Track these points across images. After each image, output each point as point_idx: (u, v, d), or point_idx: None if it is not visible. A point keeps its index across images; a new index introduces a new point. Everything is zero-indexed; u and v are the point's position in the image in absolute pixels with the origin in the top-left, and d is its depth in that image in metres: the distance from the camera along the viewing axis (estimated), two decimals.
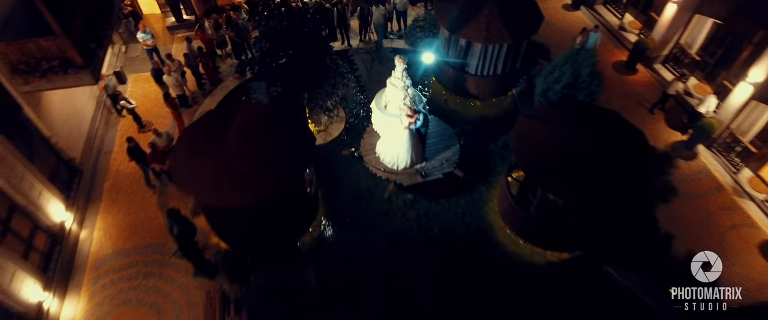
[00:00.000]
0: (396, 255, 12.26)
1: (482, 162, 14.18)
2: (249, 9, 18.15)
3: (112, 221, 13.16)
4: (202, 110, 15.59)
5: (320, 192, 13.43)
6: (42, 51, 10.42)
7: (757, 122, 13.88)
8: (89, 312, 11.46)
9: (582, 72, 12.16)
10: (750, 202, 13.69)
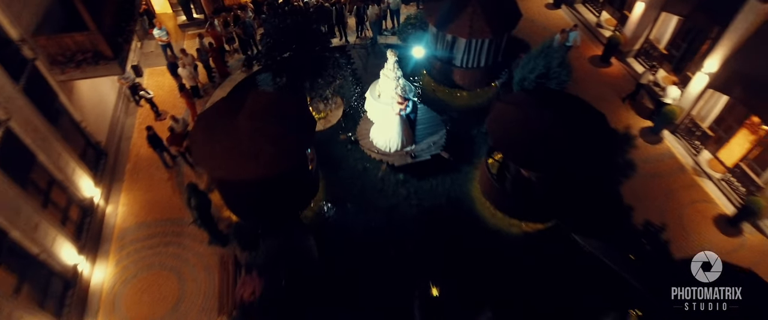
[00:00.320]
0: (388, 226, 13.77)
1: (466, 146, 15.70)
2: (254, 8, 19.67)
3: (133, 198, 14.68)
4: (212, 100, 17.10)
5: (320, 172, 14.96)
6: (77, 45, 11.93)
7: (713, 109, 15.38)
8: (117, 275, 12.97)
9: (552, 63, 13.66)
10: (708, 181, 15.19)
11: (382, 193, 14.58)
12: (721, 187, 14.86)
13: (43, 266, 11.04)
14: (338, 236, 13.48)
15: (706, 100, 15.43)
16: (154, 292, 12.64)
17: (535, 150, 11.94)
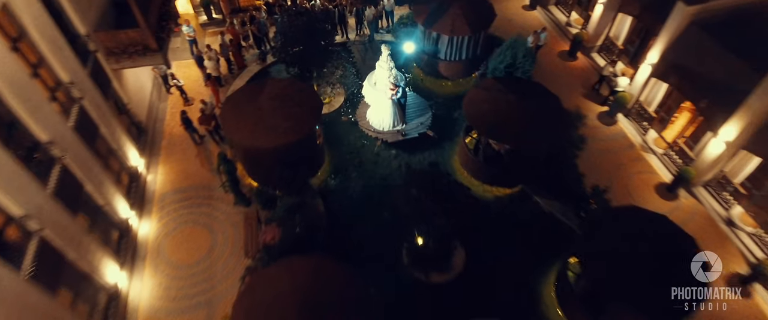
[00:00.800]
0: (383, 192, 16.50)
1: (448, 127, 18.43)
2: (267, 9, 22.40)
3: (169, 168, 17.43)
4: (232, 88, 19.81)
5: (326, 147, 17.70)
6: (130, 39, 14.62)
7: (657, 94, 18.14)
8: (160, 229, 15.72)
9: (518, 55, 16.39)
10: (653, 156, 17.96)
11: (378, 165, 17.33)
12: (663, 160, 17.64)
13: (106, 215, 13.76)
14: (341, 198, 16.23)
15: (651, 87, 18.19)
16: (190, 242, 15.40)
17: (501, 126, 14.72)
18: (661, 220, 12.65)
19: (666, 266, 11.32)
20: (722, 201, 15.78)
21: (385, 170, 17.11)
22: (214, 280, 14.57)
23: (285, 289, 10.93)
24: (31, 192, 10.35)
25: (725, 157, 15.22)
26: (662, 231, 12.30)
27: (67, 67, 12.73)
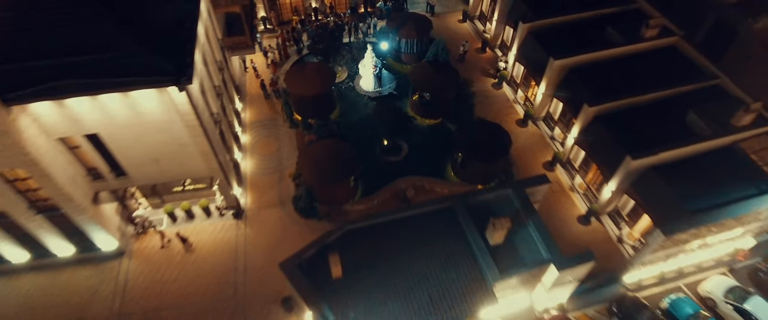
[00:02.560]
0: (366, 120, 29.99)
1: (405, 89, 31.98)
2: (300, 22, 35.94)
3: (252, 110, 31.06)
4: (283, 68, 33.32)
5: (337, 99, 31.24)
6: (238, 41, 28.06)
7: (520, 70, 31.61)
8: (251, 139, 29.27)
9: (440, 49, 29.91)
10: (519, 105, 31.52)
11: (365, 108, 30.94)
12: (524, 106, 31.17)
13: (233, 131, 27.34)
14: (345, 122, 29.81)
15: (517, 67, 31.70)
16: (268, 145, 29.03)
17: (427, 86, 28.41)
18: (493, 126, 26.36)
19: (490, 143, 25.07)
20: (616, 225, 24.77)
21: (369, 110, 30.70)
22: (281, 161, 28.22)
23: (320, 151, 24.72)
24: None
25: (614, 198, 24.06)
26: (492, 129, 26.03)
27: (219, 55, 26.25)
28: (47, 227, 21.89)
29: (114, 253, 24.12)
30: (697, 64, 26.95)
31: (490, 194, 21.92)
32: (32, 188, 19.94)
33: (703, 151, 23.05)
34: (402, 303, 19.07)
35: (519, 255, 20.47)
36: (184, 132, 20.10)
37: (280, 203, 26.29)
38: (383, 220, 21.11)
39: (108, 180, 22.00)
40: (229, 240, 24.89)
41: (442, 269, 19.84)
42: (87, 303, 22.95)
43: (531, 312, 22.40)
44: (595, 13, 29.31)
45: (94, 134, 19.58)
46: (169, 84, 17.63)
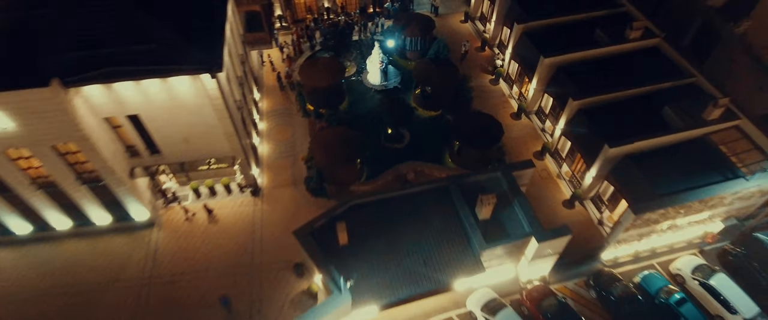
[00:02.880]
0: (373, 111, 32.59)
1: (409, 83, 34.51)
2: (314, 21, 38.59)
3: (268, 100, 33.80)
4: (298, 62, 36.01)
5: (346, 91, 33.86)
6: (258, 37, 30.75)
7: (515, 68, 33.98)
8: (268, 126, 31.99)
9: (441, 47, 32.36)
10: (514, 100, 33.94)
11: (371, 100, 33.53)
12: (518, 100, 33.59)
13: (252, 118, 30.08)
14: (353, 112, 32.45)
15: (512, 64, 34.08)
16: (283, 132, 31.72)
17: (428, 80, 30.95)
18: (487, 117, 28.84)
19: (484, 131, 27.56)
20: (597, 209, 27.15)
21: (375, 102, 33.26)
22: (294, 146, 30.91)
23: (330, 137, 27.39)
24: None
25: (595, 183, 26.60)
26: (486, 120, 28.50)
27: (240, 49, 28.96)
28: (90, 197, 24.75)
29: (145, 223, 26.96)
30: (676, 64, 29.18)
31: (481, 176, 24.44)
32: (80, 161, 22.78)
33: (676, 142, 25.37)
34: (399, 268, 21.68)
35: (505, 230, 22.99)
36: (212, 115, 22.84)
37: (293, 183, 28.98)
38: (385, 196, 23.74)
39: (143, 157, 24.82)
40: (247, 215, 27.64)
41: (435, 239, 22.42)
42: (122, 267, 25.81)
43: (516, 283, 24.87)
44: (584, 15, 31.63)
45: (134, 115, 22.37)
46: (202, 72, 20.35)
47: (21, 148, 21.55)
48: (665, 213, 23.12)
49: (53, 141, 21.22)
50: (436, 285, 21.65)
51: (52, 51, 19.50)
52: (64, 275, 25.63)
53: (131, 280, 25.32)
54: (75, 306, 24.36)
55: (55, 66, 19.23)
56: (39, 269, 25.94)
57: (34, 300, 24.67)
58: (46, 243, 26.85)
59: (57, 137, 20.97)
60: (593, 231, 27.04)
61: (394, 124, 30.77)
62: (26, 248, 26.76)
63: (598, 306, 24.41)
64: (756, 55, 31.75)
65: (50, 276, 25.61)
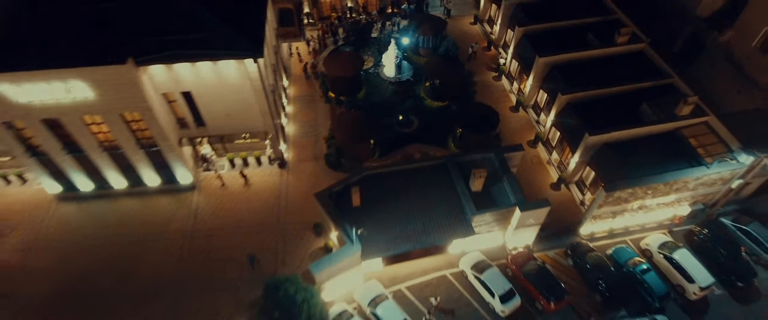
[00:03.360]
0: (386, 99, 36.62)
1: (420, 77, 38.37)
2: (337, 18, 42.74)
3: (295, 87, 38.01)
4: (322, 55, 40.17)
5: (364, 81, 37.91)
6: (289, 30, 34.92)
7: (515, 66, 37.58)
8: (294, 109, 36.20)
9: (449, 46, 36.13)
10: (513, 94, 37.57)
11: (386, 90, 37.50)
12: (517, 95, 37.23)
13: (281, 101, 34.31)
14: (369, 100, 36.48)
15: (513, 63, 37.68)
16: (307, 115, 35.88)
17: (437, 74, 34.85)
18: (486, 107, 32.61)
19: (482, 118, 31.38)
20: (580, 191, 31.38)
21: (389, 92, 37.22)
22: (317, 127, 35.03)
23: (349, 119, 31.49)
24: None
25: (578, 168, 30.23)
26: (485, 110, 32.28)
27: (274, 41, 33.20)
28: (144, 161, 29.21)
29: (188, 187, 31.36)
30: (658, 66, 32.47)
31: (477, 156, 28.25)
32: (141, 128, 27.23)
33: (651, 135, 28.80)
34: (402, 228, 25.64)
35: (494, 201, 26.80)
36: (251, 94, 27.06)
37: (314, 158, 33.13)
38: (393, 169, 27.73)
39: (191, 129, 29.20)
40: (275, 183, 31.87)
41: (433, 206, 26.32)
42: (168, 222, 30.24)
43: (503, 250, 28.60)
44: (579, 21, 35.10)
45: (187, 92, 26.72)
46: (246, 57, 24.57)
47: (95, 115, 26.04)
48: (634, 193, 26.62)
49: (122, 109, 25.67)
50: (432, 243, 25.57)
51: (129, 36, 23.90)
52: (120, 227, 30.13)
53: (175, 233, 29.72)
54: (129, 253, 28.80)
55: (130, 48, 23.62)
56: (98, 221, 30.52)
57: (94, 246, 29.17)
58: (104, 200, 31.43)
59: (126, 106, 25.41)
60: (575, 211, 30.58)
61: (405, 112, 34.71)
62: (87, 203, 31.38)
63: (573, 272, 28.01)
64: (736, 61, 35.04)
65: (108, 227, 30.14)
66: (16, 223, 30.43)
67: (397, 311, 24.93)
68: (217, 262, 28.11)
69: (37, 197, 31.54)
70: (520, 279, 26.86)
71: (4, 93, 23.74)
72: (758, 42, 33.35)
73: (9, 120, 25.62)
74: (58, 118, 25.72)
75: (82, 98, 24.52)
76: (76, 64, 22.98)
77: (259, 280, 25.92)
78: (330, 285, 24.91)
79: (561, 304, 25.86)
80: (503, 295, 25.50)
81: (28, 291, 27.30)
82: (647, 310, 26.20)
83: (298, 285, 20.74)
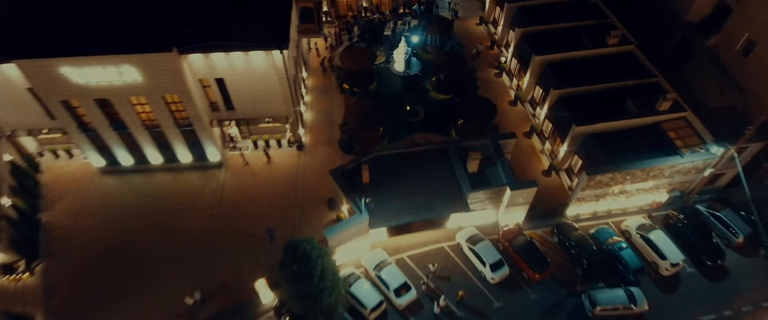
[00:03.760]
0: (396, 91, 40.03)
1: (427, 72, 41.67)
2: (353, 17, 46.22)
3: (313, 79, 41.54)
4: (338, 51, 43.66)
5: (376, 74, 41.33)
6: (309, 27, 38.34)
7: (515, 64, 40.68)
8: (311, 98, 39.83)
9: (454, 44, 39.36)
10: (512, 90, 40.70)
11: (395, 83, 40.87)
12: (515, 91, 40.35)
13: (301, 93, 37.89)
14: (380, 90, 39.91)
15: (513, 61, 40.78)
16: (323, 104, 39.42)
17: (442, 69, 38.18)
18: (486, 100, 35.84)
19: (481, 110, 34.64)
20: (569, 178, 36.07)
21: (398, 85, 40.57)
22: (332, 115, 38.53)
23: (361, 107, 34.95)
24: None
25: (567, 157, 34.85)
26: (484, 102, 35.52)
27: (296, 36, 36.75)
28: (180, 139, 32.92)
29: (216, 164, 35.01)
30: (644, 66, 35.39)
31: (474, 141, 31.50)
32: (179, 110, 30.94)
33: (633, 127, 31.77)
34: (405, 201, 28.97)
35: (488, 181, 30.04)
36: (276, 82, 30.62)
37: (329, 143, 36.61)
38: (400, 152, 31.10)
39: (221, 112, 32.85)
40: (293, 163, 35.42)
41: (434, 184, 29.61)
42: (199, 194, 33.91)
43: (496, 227, 31.78)
44: (575, 23, 38.11)
45: (220, 78, 30.36)
46: (274, 48, 28.12)
47: (140, 96, 29.79)
48: (614, 178, 29.66)
49: (164, 92, 29.37)
50: (432, 216, 28.90)
51: (173, 27, 27.58)
52: (156, 197, 33.87)
53: (204, 204, 33.37)
54: (164, 220, 32.45)
55: (174, 38, 27.31)
56: (136, 192, 34.29)
57: (133, 214, 32.82)
58: (141, 174, 35.21)
59: (168, 89, 29.09)
60: (563, 195, 33.64)
61: (412, 103, 38.05)
62: (127, 176, 35.19)
63: (558, 248, 31.11)
64: (721, 64, 37.81)
65: (145, 198, 33.90)
66: (64, 192, 34.32)
67: (398, 274, 28.28)
68: (240, 230, 31.69)
69: (82, 170, 35.43)
70: (510, 251, 30.05)
71: (66, 74, 27.53)
72: (740, 46, 35.97)
73: (67, 99, 29.41)
74: (108, 98, 29.47)
75: (131, 81, 28.25)
76: (128, 51, 26.70)
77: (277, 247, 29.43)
78: (341, 251, 28.31)
79: (545, 274, 29.00)
80: (493, 264, 28.71)
81: (76, 249, 31.12)
82: (623, 282, 29.20)
83: (313, 245, 24.07)
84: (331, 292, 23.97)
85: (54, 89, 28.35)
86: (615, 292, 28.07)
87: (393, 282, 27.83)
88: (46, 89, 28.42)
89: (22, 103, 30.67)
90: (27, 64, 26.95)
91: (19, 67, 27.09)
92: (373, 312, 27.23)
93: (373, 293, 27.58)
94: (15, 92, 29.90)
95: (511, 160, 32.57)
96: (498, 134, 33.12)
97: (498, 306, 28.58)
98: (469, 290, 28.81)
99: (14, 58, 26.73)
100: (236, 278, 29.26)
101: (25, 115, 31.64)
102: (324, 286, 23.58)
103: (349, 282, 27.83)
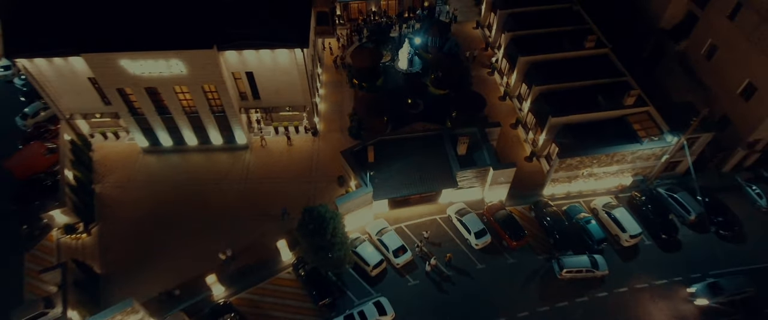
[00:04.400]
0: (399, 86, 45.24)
1: (427, 70, 46.79)
2: (363, 20, 51.49)
3: (326, 74, 46.78)
4: (349, 50, 48.88)
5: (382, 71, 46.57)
6: (324, 29, 43.58)
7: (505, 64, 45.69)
8: (325, 92, 45.10)
9: (452, 45, 44.45)
10: (502, 87, 45.72)
11: (399, 79, 46.05)
12: (504, 87, 45.41)
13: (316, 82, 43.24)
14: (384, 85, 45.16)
15: (503, 61, 45.78)
16: (334, 97, 44.66)
17: (441, 67, 43.36)
18: (476, 94, 40.97)
19: (470, 102, 39.79)
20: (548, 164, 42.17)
21: (401, 81, 45.72)
22: (343, 106, 43.77)
23: (369, 99, 40.27)
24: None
25: (545, 145, 40.95)
26: (474, 96, 40.64)
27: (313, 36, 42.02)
28: (213, 123, 38.39)
29: (242, 146, 40.45)
30: (616, 67, 40.26)
31: (464, 129, 36.66)
32: (215, 98, 36.40)
33: (603, 119, 36.70)
34: (403, 177, 34.18)
35: (475, 163, 35.18)
36: (296, 76, 35.95)
37: (340, 130, 41.91)
38: (401, 137, 36.34)
39: (249, 101, 38.28)
40: (309, 147, 40.77)
41: (428, 163, 34.79)
42: (228, 172, 39.34)
43: (482, 203, 36.91)
44: (558, 28, 43.03)
45: (250, 71, 35.79)
46: (296, 46, 33.48)
47: (183, 86, 35.29)
48: (582, 162, 34.65)
49: (203, 82, 34.82)
50: (426, 190, 34.12)
51: (213, 27, 33.03)
52: (191, 173, 39.32)
53: (233, 181, 38.78)
54: (198, 192, 37.84)
55: (215, 36, 32.77)
56: (174, 169, 39.80)
57: (172, 187, 38.26)
58: (178, 154, 40.72)
59: (206, 80, 34.54)
60: (542, 177, 38.65)
61: (413, 97, 43.26)
62: (165, 156, 40.73)
63: (535, 222, 36.17)
64: (689, 66, 42.62)
65: (182, 174, 39.37)
66: (113, 168, 39.92)
67: (397, 239, 33.49)
68: (264, 202, 37.09)
69: (127, 150, 41.02)
70: (492, 223, 35.14)
71: (124, 66, 33.09)
72: (705, 50, 40.77)
73: (122, 87, 34.99)
74: (156, 86, 35.01)
75: (177, 72, 33.73)
76: (177, 48, 32.21)
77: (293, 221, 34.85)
78: (349, 219, 33.58)
79: (521, 243, 34.07)
80: (477, 232, 33.84)
81: (124, 215, 36.63)
82: (588, 250, 34.18)
83: (327, 209, 29.34)
84: (341, 247, 29.24)
85: (113, 78, 33.90)
86: (580, 258, 33.02)
87: (392, 245, 33.04)
88: (106, 78, 33.98)
89: (83, 90, 36.28)
90: (92, 57, 32.52)
91: (85, 59, 32.65)
92: (375, 268, 32.47)
93: (375, 253, 32.81)
94: (78, 81, 35.50)
95: (499, 148, 37.68)
96: (485, 123, 38.16)
97: (480, 268, 33.69)
98: (456, 254, 33.95)
99: (82, 52, 32.30)
100: (261, 240, 34.63)
101: (84, 102, 37.27)
102: (334, 242, 28.83)
103: (355, 244, 33.09)
